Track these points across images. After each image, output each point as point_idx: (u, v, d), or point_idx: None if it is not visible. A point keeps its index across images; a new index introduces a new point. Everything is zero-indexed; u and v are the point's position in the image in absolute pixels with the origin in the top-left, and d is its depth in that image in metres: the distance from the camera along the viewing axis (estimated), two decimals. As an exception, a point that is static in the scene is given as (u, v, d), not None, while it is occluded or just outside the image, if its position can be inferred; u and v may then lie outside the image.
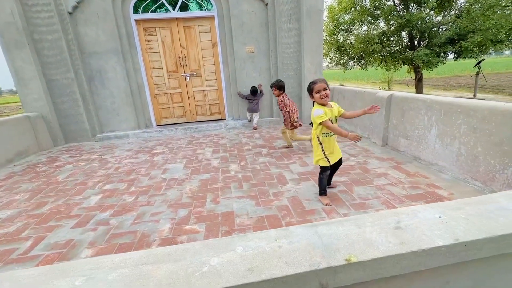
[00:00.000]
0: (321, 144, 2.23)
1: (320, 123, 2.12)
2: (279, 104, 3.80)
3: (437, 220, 0.74)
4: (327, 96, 2.12)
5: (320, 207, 2.29)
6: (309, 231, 0.73)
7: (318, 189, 2.43)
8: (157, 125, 5.86)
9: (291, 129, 3.82)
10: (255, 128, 5.50)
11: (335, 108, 2.23)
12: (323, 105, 2.16)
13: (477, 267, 0.73)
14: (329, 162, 2.26)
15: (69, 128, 5.22)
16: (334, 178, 2.70)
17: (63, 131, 5.20)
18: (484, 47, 8.05)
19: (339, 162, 2.42)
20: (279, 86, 3.74)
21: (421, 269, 0.67)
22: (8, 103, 32.56)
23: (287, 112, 3.73)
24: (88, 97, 5.15)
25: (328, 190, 2.52)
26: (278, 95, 3.78)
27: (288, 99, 3.79)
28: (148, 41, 5.37)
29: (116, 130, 5.52)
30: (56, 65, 4.84)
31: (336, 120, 2.25)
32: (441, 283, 0.73)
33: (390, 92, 3.69)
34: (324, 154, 2.24)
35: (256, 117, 5.54)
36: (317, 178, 2.47)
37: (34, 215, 2.46)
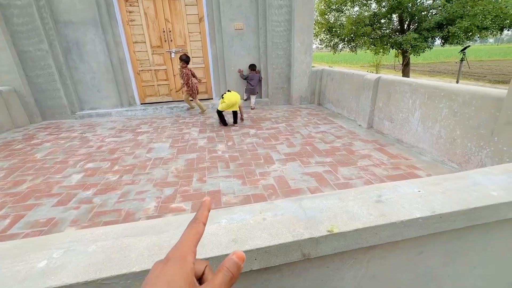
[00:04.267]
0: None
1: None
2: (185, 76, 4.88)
3: (416, 194, 0.77)
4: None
5: (306, 186, 2.35)
6: (294, 204, 0.73)
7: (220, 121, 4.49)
8: (141, 104, 5.65)
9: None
10: (252, 108, 5.46)
11: None
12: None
13: (450, 238, 0.77)
14: (221, 109, 4.20)
15: (45, 104, 4.93)
16: (320, 159, 2.89)
17: (39, 107, 4.91)
18: (470, 33, 8.16)
19: (235, 112, 4.35)
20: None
21: (398, 239, 0.70)
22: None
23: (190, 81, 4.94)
24: (65, 71, 4.83)
25: (313, 170, 2.59)
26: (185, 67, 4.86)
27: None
28: (130, 12, 5.02)
29: (98, 108, 5.27)
30: (27, 34, 4.46)
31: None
32: (415, 253, 0.77)
33: (378, 75, 3.71)
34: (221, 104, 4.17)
35: (253, 98, 5.48)
36: (303, 158, 2.87)
37: (12, 194, 2.37)
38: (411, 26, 10.03)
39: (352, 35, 10.43)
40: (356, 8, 10.67)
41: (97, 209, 2.10)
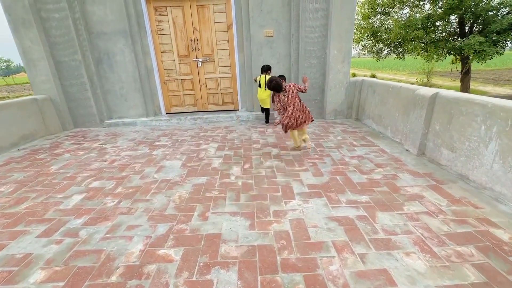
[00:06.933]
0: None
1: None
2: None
3: None
4: None
5: (330, 240, 1.78)
6: None
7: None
8: (166, 113, 5.56)
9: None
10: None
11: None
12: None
13: None
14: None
15: (78, 113, 5.08)
16: (353, 197, 2.31)
17: (72, 115, 5.08)
18: (557, 35, 6.60)
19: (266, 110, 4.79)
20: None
21: None
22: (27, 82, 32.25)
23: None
24: (96, 80, 4.93)
25: (342, 213, 2.01)
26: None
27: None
28: (159, 21, 4.96)
29: (124, 117, 5.29)
30: (63, 45, 4.63)
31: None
32: None
33: (435, 90, 2.95)
34: None
35: None
36: (331, 194, 2.33)
37: (8, 214, 2.24)
38: (474, 28, 8.60)
39: (400, 40, 9.33)
40: (406, 10, 9.57)
41: (78, 246, 1.81)
